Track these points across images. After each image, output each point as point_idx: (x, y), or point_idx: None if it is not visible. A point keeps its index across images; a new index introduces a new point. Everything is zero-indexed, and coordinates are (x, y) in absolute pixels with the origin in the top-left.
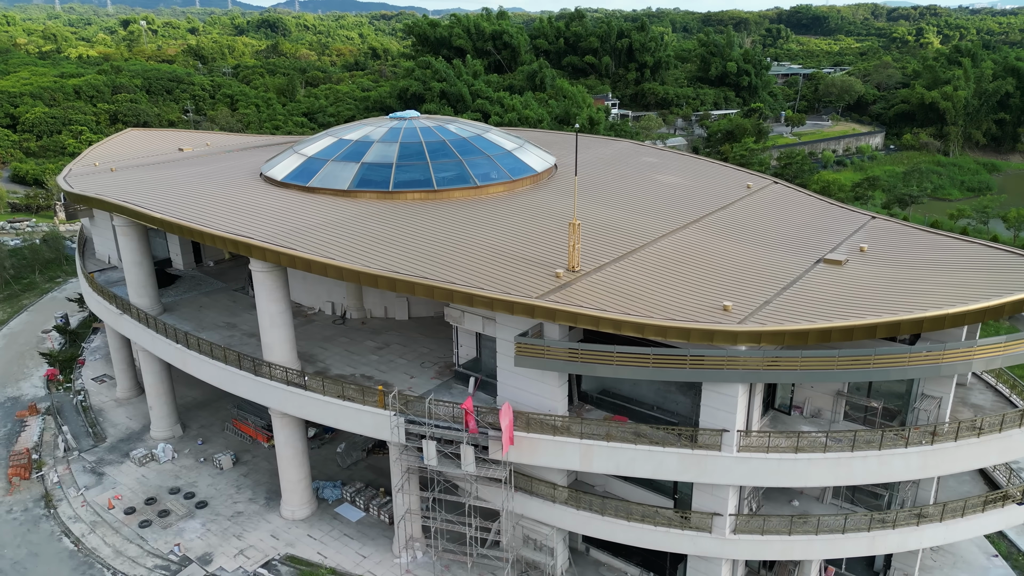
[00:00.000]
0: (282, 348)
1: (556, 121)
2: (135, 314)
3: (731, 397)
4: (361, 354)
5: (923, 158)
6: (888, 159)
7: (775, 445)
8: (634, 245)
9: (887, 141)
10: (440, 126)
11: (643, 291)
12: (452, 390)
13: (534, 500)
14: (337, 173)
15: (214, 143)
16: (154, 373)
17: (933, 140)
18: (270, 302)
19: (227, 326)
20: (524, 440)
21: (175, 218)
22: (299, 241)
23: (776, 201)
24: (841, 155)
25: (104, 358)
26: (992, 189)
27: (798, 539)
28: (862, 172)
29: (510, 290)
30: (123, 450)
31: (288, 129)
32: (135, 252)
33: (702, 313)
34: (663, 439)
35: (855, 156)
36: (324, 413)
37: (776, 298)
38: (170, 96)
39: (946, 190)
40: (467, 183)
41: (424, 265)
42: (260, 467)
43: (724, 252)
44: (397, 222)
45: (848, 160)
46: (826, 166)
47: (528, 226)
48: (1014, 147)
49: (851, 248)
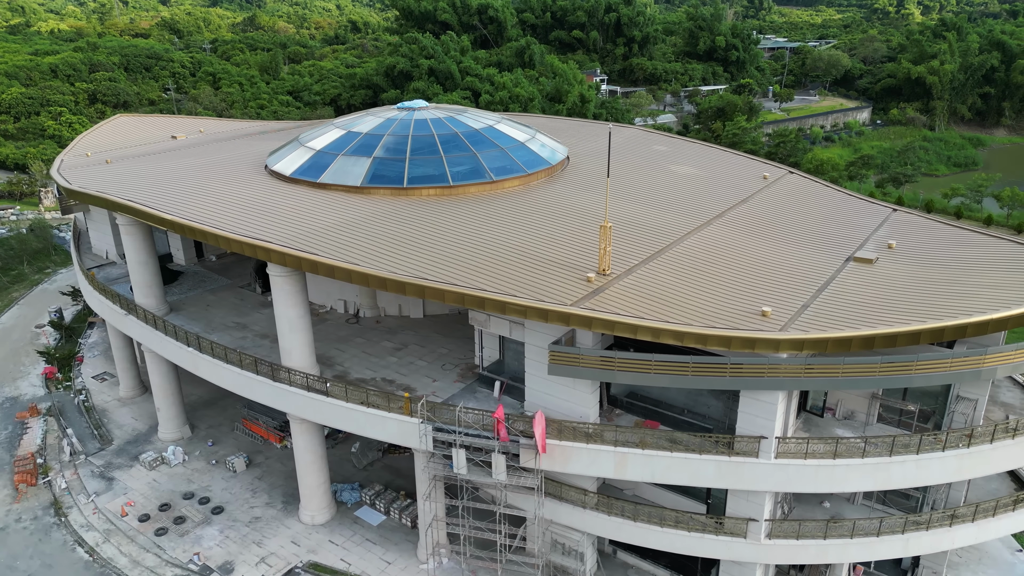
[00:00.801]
0: (301, 353)
1: (547, 99)
2: (142, 315)
3: (771, 404)
4: (379, 356)
5: (910, 133)
6: (875, 134)
7: (813, 451)
8: (661, 244)
9: (874, 116)
10: (451, 117)
11: (677, 296)
12: (477, 394)
13: (564, 506)
14: (348, 168)
15: (207, 130)
16: (162, 374)
17: (919, 115)
18: (289, 307)
19: (237, 327)
20: (556, 448)
21: (189, 220)
22: (318, 244)
23: (795, 193)
24: (829, 131)
25: (103, 355)
26: (978, 164)
27: (833, 543)
28: (850, 148)
29: (540, 296)
30: (131, 453)
31: (273, 108)
32: (140, 251)
33: (741, 319)
34: (699, 446)
35: (843, 132)
36: (347, 420)
37: (813, 301)
38: (149, 74)
39: (933, 165)
40: (482, 178)
41: (449, 269)
42: (274, 469)
43: (753, 250)
44: (416, 221)
45: (836, 136)
46: (815, 142)
47: (550, 224)
48: (998, 121)
49: (879, 245)
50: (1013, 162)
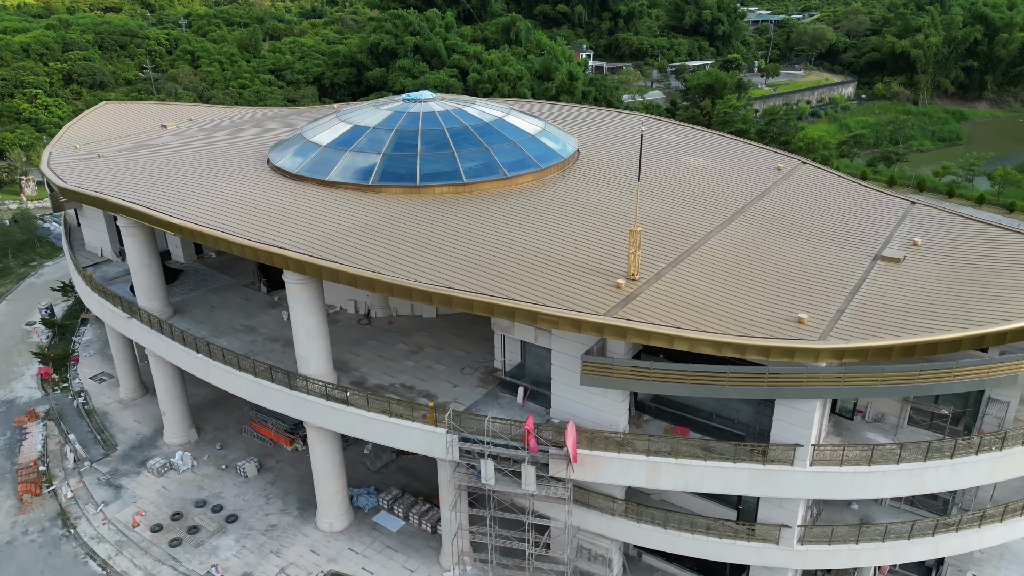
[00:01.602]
0: (319, 361)
1: (536, 77)
2: (146, 319)
3: (807, 413)
4: (396, 360)
5: (894, 108)
6: (861, 109)
7: (848, 458)
8: (686, 244)
9: (859, 91)
10: (459, 109)
11: (710, 301)
12: (500, 400)
13: (592, 513)
14: (357, 165)
15: (197, 117)
16: (167, 378)
17: (904, 89)
18: (306, 314)
19: (246, 330)
20: (587, 458)
21: (201, 226)
22: (335, 250)
23: (811, 185)
24: (815, 106)
25: (99, 353)
26: (962, 139)
27: (865, 547)
28: (836, 123)
29: (570, 303)
30: (137, 459)
31: (256, 88)
32: (143, 254)
33: (777, 326)
34: (734, 455)
35: (829, 107)
36: (369, 429)
37: (847, 306)
38: (124, 52)
39: (918, 140)
40: (496, 174)
41: (474, 276)
42: (286, 473)
43: (778, 250)
44: (432, 223)
45: (822, 111)
46: (801, 117)
47: (570, 224)
48: (980, 95)
49: (904, 242)
50: (996, 136)
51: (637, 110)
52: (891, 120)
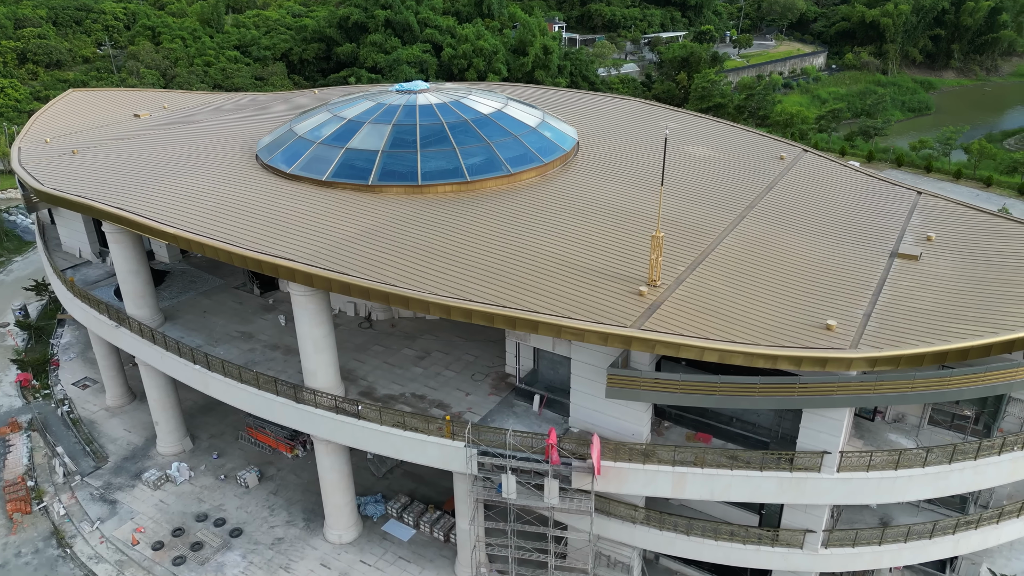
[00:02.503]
0: (327, 373)
1: (511, 52)
2: (136, 328)
3: (837, 421)
4: (403, 366)
5: (864, 78)
6: (832, 80)
7: (875, 463)
8: (701, 244)
9: (829, 61)
10: (457, 101)
11: (735, 308)
12: (515, 408)
13: (613, 522)
14: (355, 163)
15: (172, 105)
16: (158, 387)
17: (873, 59)
18: (313, 326)
19: (243, 337)
20: (611, 470)
21: (199, 236)
22: (341, 258)
23: (816, 176)
24: (788, 77)
25: (80, 357)
26: (931, 109)
27: (888, 548)
28: (809, 95)
29: (593, 314)
30: (131, 471)
31: (221, 65)
32: (131, 260)
33: (805, 334)
34: (760, 462)
35: (801, 78)
36: (382, 444)
37: (873, 309)
38: (80, 28)
39: (888, 111)
40: (499, 171)
41: (490, 286)
42: (289, 482)
43: (795, 248)
44: (440, 227)
45: (795, 83)
46: (775, 89)
47: (581, 224)
48: (947, 63)
49: (918, 237)
50: (963, 105)
51: (613, 84)
52: (862, 91)
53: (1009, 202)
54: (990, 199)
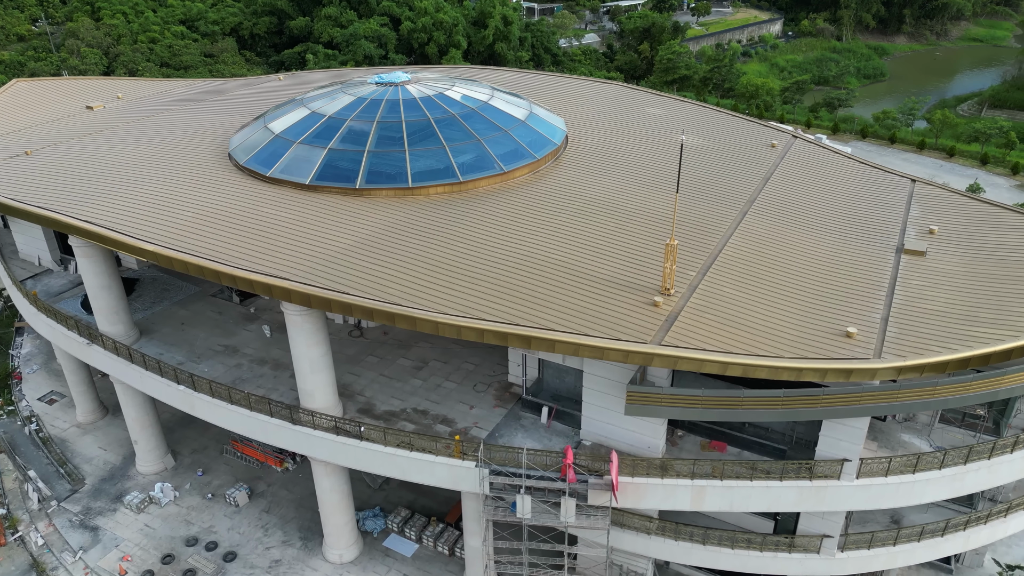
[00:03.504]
0: (325, 393)
1: (471, 24)
2: (111, 346)
3: (858, 430)
4: (401, 379)
5: (820, 44)
6: (789, 47)
7: (893, 468)
8: (708, 245)
9: (786, 27)
10: (441, 94)
11: (751, 316)
12: (522, 421)
13: (627, 533)
14: (340, 164)
15: (126, 94)
16: (136, 405)
17: (828, 25)
18: (310, 346)
19: (227, 351)
20: (628, 485)
21: (180, 252)
22: (338, 275)
23: (809, 164)
24: (746, 45)
25: (44, 368)
26: (885, 75)
27: (902, 548)
28: (767, 63)
29: (609, 328)
30: (111, 493)
31: (167, 42)
32: (102, 275)
33: (827, 342)
34: (780, 472)
35: (759, 46)
36: (387, 465)
37: (890, 314)
38: (12, 3)
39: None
40: (492, 169)
41: (499, 301)
42: (281, 498)
43: (801, 246)
44: (436, 234)
45: (753, 51)
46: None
47: (583, 226)
48: (899, 28)
49: (920, 230)
50: (915, 70)
51: (575, 56)
52: (819, 58)
53: (971, 172)
54: (954, 169)
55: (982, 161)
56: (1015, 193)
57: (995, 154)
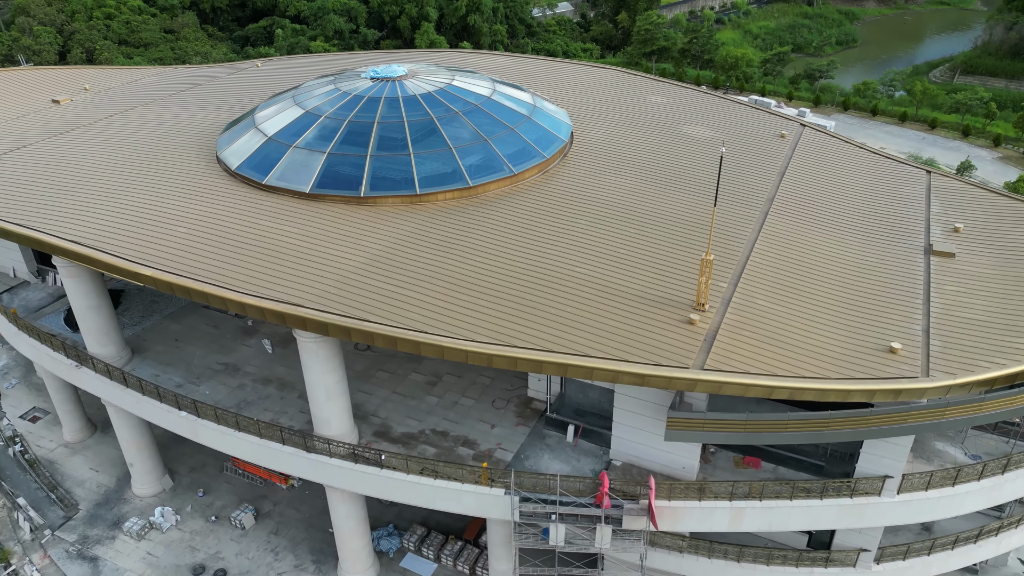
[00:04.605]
0: (340, 420)
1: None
2: (103, 369)
3: (902, 447)
4: (415, 396)
5: (792, 10)
6: (761, 13)
7: (934, 482)
8: (735, 251)
9: None
10: (442, 90)
11: (791, 333)
12: (546, 440)
13: (659, 552)
14: (340, 170)
15: (93, 86)
16: (131, 427)
17: None
18: (325, 373)
19: (227, 370)
20: (665, 509)
21: (182, 277)
22: (353, 298)
23: (822, 156)
24: (719, 12)
25: (24, 383)
26: (856, 41)
27: (937, 557)
28: (740, 30)
29: (648, 352)
30: (108, 519)
31: (125, 18)
32: (90, 296)
33: (871, 359)
34: (821, 490)
35: (732, 12)
36: (409, 493)
37: (930, 324)
38: None
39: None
40: (501, 171)
41: (526, 323)
42: (289, 518)
43: (828, 250)
44: (452, 248)
45: (726, 17)
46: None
47: (603, 234)
48: None
49: (944, 228)
50: (886, 35)
51: (550, 26)
52: (792, 24)
53: (954, 144)
54: (936, 142)
55: (964, 133)
56: (999, 166)
57: (976, 124)
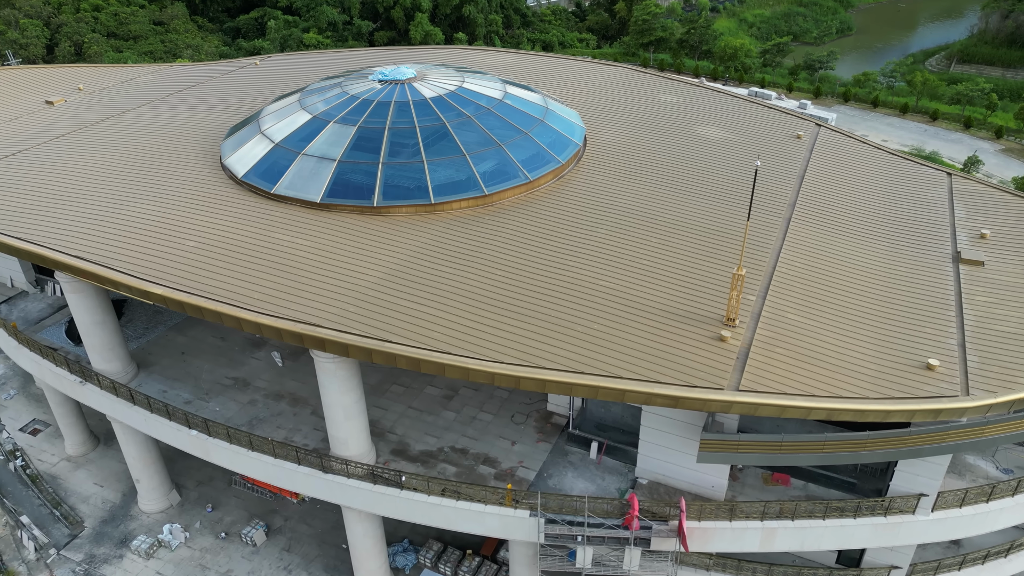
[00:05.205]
0: (359, 440)
1: None
2: (109, 386)
3: (939, 466)
4: (432, 411)
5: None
6: (756, 1)
7: (968, 498)
8: (760, 262)
9: None
10: (453, 93)
11: (824, 349)
12: (569, 457)
13: (685, 570)
14: (351, 178)
15: (87, 84)
16: (137, 444)
17: None
18: (343, 393)
19: (237, 385)
20: (695, 530)
21: (195, 295)
22: (373, 317)
23: (840, 158)
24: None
25: (22, 393)
26: (852, 29)
27: (967, 572)
28: (735, 18)
29: (677, 370)
30: (115, 537)
31: (113, 9)
32: (95, 311)
33: (908, 377)
34: (854, 509)
35: (727, 1)
36: (431, 515)
37: (965, 338)
38: None
39: (813, 34)
40: (517, 178)
41: (553, 342)
42: (301, 534)
43: (854, 258)
44: (470, 260)
45: (721, 6)
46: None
47: (624, 244)
48: None
49: (970, 234)
50: (880, 23)
51: (545, 16)
52: (786, 12)
53: (956, 136)
54: (938, 134)
55: (965, 125)
56: (1001, 158)
57: (977, 116)
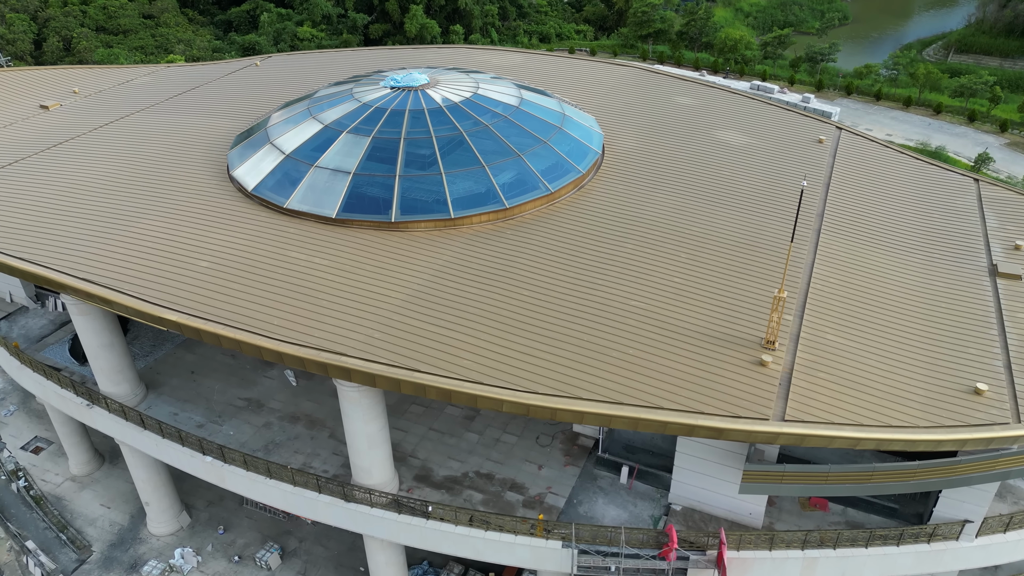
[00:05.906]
0: (382, 469)
1: None
2: (118, 409)
3: (986, 493)
4: (454, 434)
5: None
6: None
7: (1013, 523)
8: (794, 277)
9: None
10: (468, 100)
11: (868, 374)
12: (598, 482)
13: None
14: (367, 191)
15: (82, 87)
16: (146, 467)
17: None
18: (368, 422)
19: (251, 407)
20: (734, 560)
21: (214, 324)
22: (399, 343)
23: (864, 164)
24: None
25: (23, 409)
26: (848, 18)
27: None
28: (731, 7)
29: (719, 399)
30: (124, 562)
31: (102, 3)
32: (103, 333)
33: (957, 403)
34: (898, 537)
35: None
36: (459, 546)
37: (1011, 360)
38: None
39: (808, 23)
40: (537, 189)
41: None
42: (317, 556)
43: (889, 272)
44: (494, 280)
45: None
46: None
47: (653, 261)
48: None
49: (1004, 245)
50: (876, 12)
51: (541, 7)
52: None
53: (960, 131)
54: (942, 128)
55: (969, 118)
56: (1007, 153)
57: (979, 108)
